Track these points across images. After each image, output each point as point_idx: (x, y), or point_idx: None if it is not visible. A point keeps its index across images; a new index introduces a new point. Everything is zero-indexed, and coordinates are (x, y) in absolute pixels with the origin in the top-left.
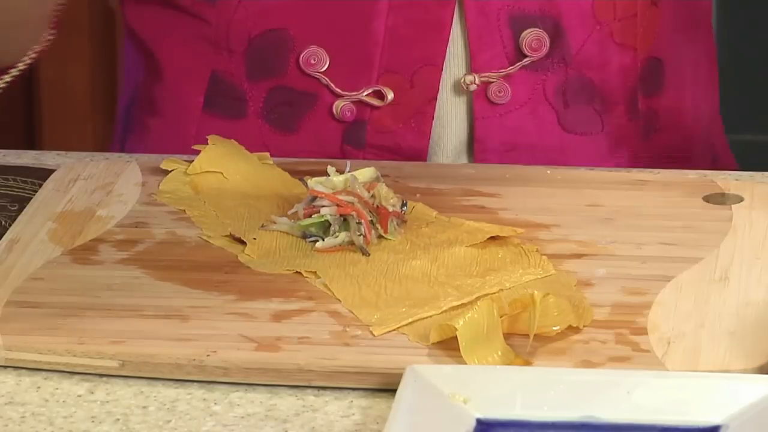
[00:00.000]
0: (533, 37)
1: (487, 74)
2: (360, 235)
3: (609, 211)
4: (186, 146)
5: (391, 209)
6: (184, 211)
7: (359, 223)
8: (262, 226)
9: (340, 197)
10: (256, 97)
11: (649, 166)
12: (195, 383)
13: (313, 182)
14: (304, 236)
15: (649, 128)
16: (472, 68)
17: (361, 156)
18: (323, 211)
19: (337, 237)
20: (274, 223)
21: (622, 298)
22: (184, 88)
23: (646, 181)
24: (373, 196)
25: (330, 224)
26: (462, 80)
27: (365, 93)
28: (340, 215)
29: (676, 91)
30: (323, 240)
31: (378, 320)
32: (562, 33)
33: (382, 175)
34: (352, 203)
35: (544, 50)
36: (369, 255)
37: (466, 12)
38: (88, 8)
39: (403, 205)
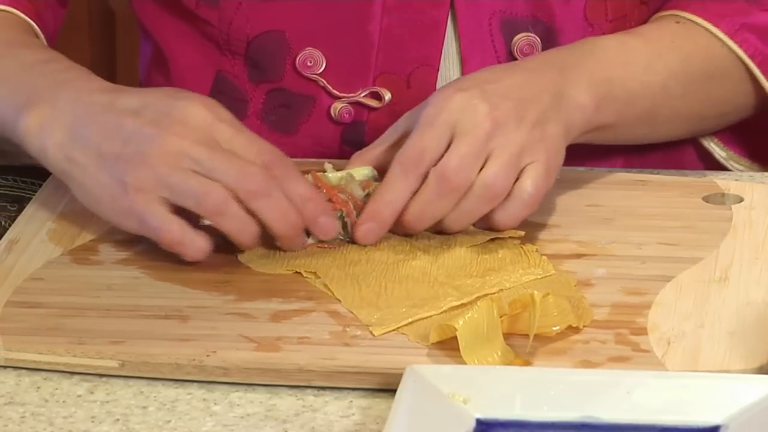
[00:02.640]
0: (525, 42)
1: None
2: (345, 235)
3: (609, 211)
4: None
5: None
6: None
7: (342, 217)
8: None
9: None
10: (256, 99)
11: (644, 167)
12: (195, 383)
13: (310, 177)
14: None
15: None
16: (464, 73)
17: None
18: None
19: None
20: None
21: (621, 298)
22: (189, 86)
23: (646, 181)
24: (368, 195)
25: None
26: None
27: (362, 94)
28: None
29: None
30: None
31: (378, 320)
32: (554, 37)
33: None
34: (346, 201)
35: (536, 54)
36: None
37: (458, 17)
38: (88, 8)
39: None
